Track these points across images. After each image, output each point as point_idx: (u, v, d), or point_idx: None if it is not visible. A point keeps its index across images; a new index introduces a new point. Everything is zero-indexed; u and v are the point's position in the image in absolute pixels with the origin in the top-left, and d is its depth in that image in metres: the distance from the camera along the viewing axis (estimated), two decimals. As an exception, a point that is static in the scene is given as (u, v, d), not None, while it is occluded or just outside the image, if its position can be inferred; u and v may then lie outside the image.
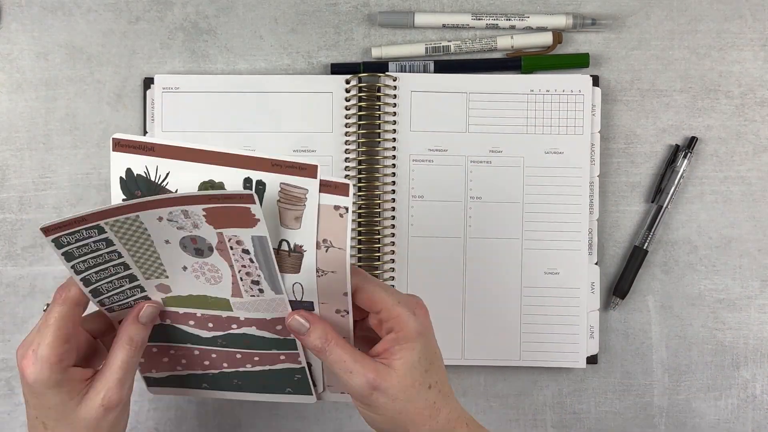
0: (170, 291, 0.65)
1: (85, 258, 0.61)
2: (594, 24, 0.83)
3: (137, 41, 0.84)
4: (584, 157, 0.82)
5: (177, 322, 0.67)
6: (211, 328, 0.67)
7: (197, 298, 0.65)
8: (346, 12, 0.84)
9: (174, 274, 0.63)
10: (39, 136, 0.83)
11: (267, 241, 0.60)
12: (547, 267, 0.82)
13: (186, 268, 0.63)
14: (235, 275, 0.63)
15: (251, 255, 0.61)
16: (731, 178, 0.84)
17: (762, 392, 0.84)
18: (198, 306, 0.65)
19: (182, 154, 0.61)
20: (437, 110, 0.82)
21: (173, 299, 0.65)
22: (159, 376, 0.71)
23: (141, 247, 0.62)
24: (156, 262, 0.63)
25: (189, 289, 0.64)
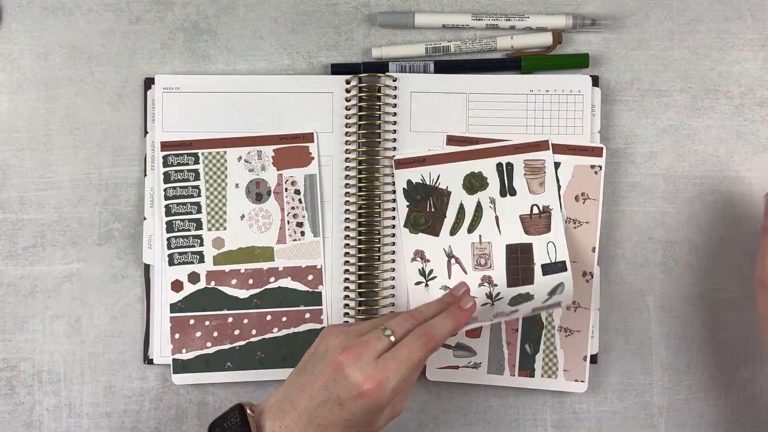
0: (223, 246, 0.80)
1: (176, 185, 0.80)
2: (594, 24, 0.83)
3: (138, 41, 0.84)
4: (584, 157, 0.83)
5: (220, 282, 0.80)
6: (250, 285, 0.80)
7: (245, 251, 0.80)
8: (346, 12, 0.84)
9: (232, 224, 0.80)
10: (39, 136, 0.83)
11: (316, 179, 0.79)
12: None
13: (243, 217, 0.80)
14: (283, 219, 0.79)
15: (301, 195, 0.80)
16: (731, 178, 0.84)
17: (762, 392, 0.84)
18: (244, 259, 0.80)
19: (446, 159, 0.81)
20: (437, 110, 0.82)
21: (224, 255, 0.80)
22: (187, 357, 0.80)
23: (216, 189, 0.79)
24: (222, 209, 0.80)
25: (240, 241, 0.80)
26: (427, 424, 0.84)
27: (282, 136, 0.80)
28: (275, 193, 0.80)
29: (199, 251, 0.80)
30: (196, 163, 0.80)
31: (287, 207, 0.80)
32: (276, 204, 0.80)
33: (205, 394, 0.83)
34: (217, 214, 0.80)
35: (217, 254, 0.80)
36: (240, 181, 0.80)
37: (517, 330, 0.81)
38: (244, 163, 0.80)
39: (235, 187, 0.80)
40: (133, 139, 0.83)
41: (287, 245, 0.80)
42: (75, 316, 0.83)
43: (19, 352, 0.83)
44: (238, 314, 0.81)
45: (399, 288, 0.82)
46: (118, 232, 0.83)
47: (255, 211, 0.80)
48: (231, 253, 0.80)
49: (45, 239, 0.83)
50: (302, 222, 0.80)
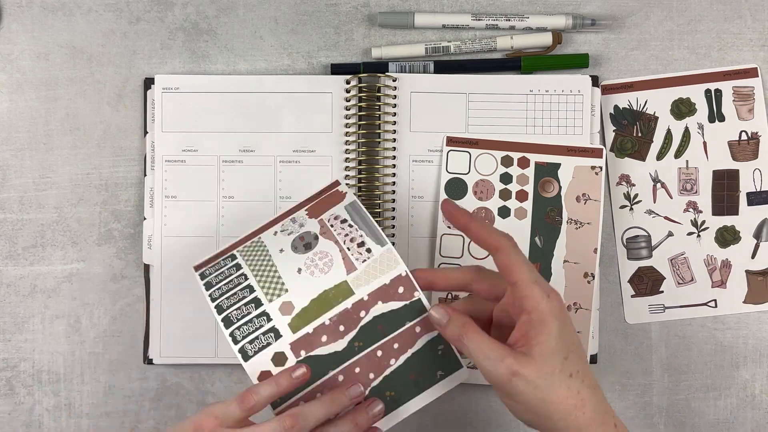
0: (293, 308, 0.68)
1: (219, 285, 0.70)
2: (593, 24, 0.83)
3: (138, 41, 0.84)
4: (584, 157, 0.83)
5: (310, 347, 0.68)
6: (343, 332, 0.69)
7: (319, 301, 0.68)
8: (346, 12, 0.84)
9: (291, 282, 0.69)
10: (39, 136, 0.83)
11: (358, 203, 0.71)
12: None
13: (300, 270, 0.69)
14: (342, 249, 0.69)
15: (349, 221, 0.70)
16: (731, 178, 0.84)
17: (761, 392, 0.84)
18: (323, 310, 0.68)
19: (654, 85, 0.82)
20: (437, 110, 0.82)
21: (299, 317, 0.68)
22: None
23: (262, 264, 0.70)
24: (275, 276, 0.69)
25: (308, 294, 0.68)
26: (426, 424, 0.84)
27: (309, 198, 0.74)
28: (322, 234, 0.70)
29: (271, 327, 0.68)
30: (233, 260, 0.71)
31: (340, 237, 0.70)
32: (328, 241, 0.70)
33: (204, 395, 0.83)
34: (272, 283, 0.69)
35: (290, 320, 0.68)
36: (283, 246, 0.70)
37: None
38: (281, 233, 0.71)
39: (279, 252, 0.70)
40: (133, 139, 0.84)
41: (359, 270, 0.69)
42: (75, 316, 0.83)
43: (18, 352, 0.83)
44: (347, 367, 0.69)
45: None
46: (118, 232, 0.83)
47: (310, 259, 0.69)
48: (305, 311, 0.68)
49: (45, 239, 0.83)
50: (363, 242, 0.69)
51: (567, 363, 0.63)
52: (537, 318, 0.63)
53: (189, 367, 0.83)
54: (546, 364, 0.62)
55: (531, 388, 0.62)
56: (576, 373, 0.63)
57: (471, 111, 0.82)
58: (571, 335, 0.64)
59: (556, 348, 0.62)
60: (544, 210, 0.82)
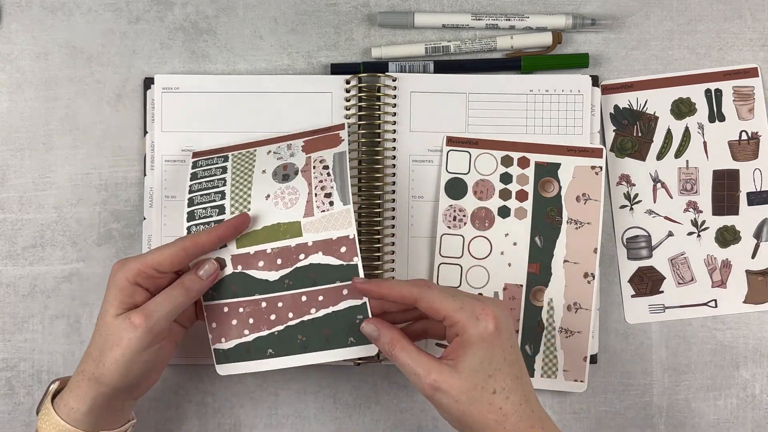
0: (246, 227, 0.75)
1: (202, 180, 0.77)
2: (594, 24, 0.83)
3: (137, 41, 0.84)
4: (584, 157, 0.83)
5: (247, 266, 0.75)
6: (279, 266, 0.75)
7: (270, 230, 0.75)
8: (346, 12, 0.84)
9: (256, 204, 0.75)
10: (39, 136, 0.83)
11: (345, 156, 0.76)
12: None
13: (269, 197, 0.75)
14: (311, 193, 0.75)
15: (330, 169, 0.75)
16: (731, 178, 0.84)
17: (761, 392, 0.84)
18: (269, 239, 0.75)
19: (654, 85, 0.82)
20: (437, 110, 0.82)
21: (247, 237, 0.75)
22: (227, 347, 0.76)
23: (243, 176, 0.77)
24: (247, 192, 0.76)
25: (264, 220, 0.75)
26: (426, 424, 0.84)
27: (314, 130, 0.80)
28: (303, 172, 0.76)
29: None
30: (225, 161, 0.78)
31: (315, 181, 0.75)
32: (303, 180, 0.75)
33: (204, 395, 0.83)
34: (240, 197, 0.76)
35: (240, 236, 0.75)
36: (267, 167, 0.77)
37: (518, 331, 0.81)
38: (274, 154, 0.78)
39: (261, 172, 0.77)
40: (133, 139, 0.83)
41: (315, 217, 0.74)
42: (74, 316, 0.83)
43: (18, 352, 0.83)
44: (271, 298, 0.75)
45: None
46: (118, 232, 0.83)
47: (281, 190, 0.75)
48: (255, 233, 0.75)
49: (44, 239, 0.83)
50: (331, 192, 0.75)
51: (491, 380, 0.66)
52: (466, 340, 0.66)
53: (189, 367, 0.83)
54: (468, 380, 0.66)
55: (453, 402, 0.66)
56: (501, 390, 0.66)
57: (471, 111, 0.82)
58: (501, 353, 0.67)
59: (479, 367, 0.66)
60: (544, 210, 0.82)
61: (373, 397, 0.84)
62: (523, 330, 0.81)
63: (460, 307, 0.67)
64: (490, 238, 0.82)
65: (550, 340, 0.81)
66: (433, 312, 0.68)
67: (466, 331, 0.66)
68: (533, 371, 0.81)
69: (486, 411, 0.66)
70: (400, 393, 0.84)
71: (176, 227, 0.81)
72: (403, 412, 0.84)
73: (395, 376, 0.84)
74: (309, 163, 0.76)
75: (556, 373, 0.81)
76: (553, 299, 0.81)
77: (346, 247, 0.74)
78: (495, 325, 0.66)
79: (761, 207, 0.83)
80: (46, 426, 0.70)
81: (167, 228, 0.82)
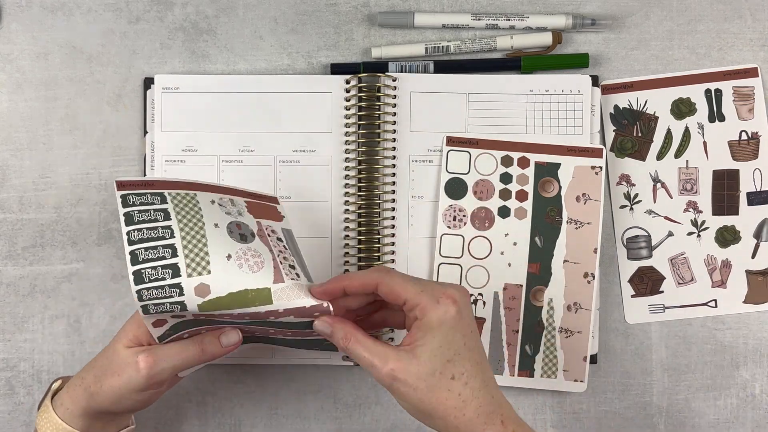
0: (209, 293, 0.65)
1: (141, 227, 0.65)
2: (593, 24, 0.83)
3: (137, 41, 0.84)
4: (584, 157, 0.83)
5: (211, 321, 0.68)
6: (246, 321, 0.68)
7: (237, 296, 0.65)
8: (346, 12, 0.84)
9: (217, 265, 0.65)
10: (39, 136, 0.83)
11: (292, 235, 0.72)
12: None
13: (230, 257, 0.66)
14: (275, 259, 0.67)
15: (284, 243, 0.70)
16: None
17: (761, 392, 0.84)
18: (236, 305, 0.66)
19: (654, 85, 0.82)
20: (437, 110, 0.82)
21: (211, 303, 0.65)
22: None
23: (192, 229, 0.66)
24: (203, 250, 0.65)
25: (229, 286, 0.65)
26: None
27: (247, 192, 0.72)
28: (259, 236, 0.68)
29: (180, 301, 0.65)
30: (163, 202, 0.67)
31: (275, 250, 0.68)
32: (263, 245, 0.68)
33: (204, 395, 0.83)
34: (197, 257, 0.65)
35: (202, 303, 0.65)
36: (219, 222, 0.67)
37: (518, 331, 0.81)
38: (219, 206, 0.69)
39: (214, 226, 0.67)
40: (133, 139, 0.83)
41: (285, 284, 0.66)
42: (75, 316, 0.83)
43: (18, 352, 0.83)
44: (237, 324, 0.70)
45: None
46: (118, 232, 0.83)
47: (243, 251, 0.67)
48: (219, 299, 0.65)
49: (44, 239, 0.83)
50: (294, 265, 0.69)
51: (449, 365, 0.64)
52: (425, 323, 0.65)
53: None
54: (427, 365, 0.64)
55: (411, 390, 0.64)
56: (460, 376, 0.64)
57: (471, 111, 0.82)
58: (461, 338, 0.65)
59: (438, 351, 0.64)
60: (544, 210, 0.82)
61: (373, 397, 0.84)
62: (523, 330, 0.81)
63: (421, 290, 0.65)
64: (490, 238, 0.82)
65: (550, 340, 0.81)
66: (393, 297, 0.66)
67: (425, 314, 0.65)
68: (533, 371, 0.81)
69: (444, 397, 0.64)
70: (400, 393, 0.84)
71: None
72: (403, 412, 0.83)
73: (395, 376, 0.84)
74: (261, 228, 0.69)
75: (556, 373, 0.81)
76: (553, 299, 0.81)
77: (321, 314, 0.67)
78: (456, 308, 0.65)
79: (761, 207, 0.83)
80: (43, 423, 0.71)
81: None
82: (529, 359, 0.81)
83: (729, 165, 0.83)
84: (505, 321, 0.82)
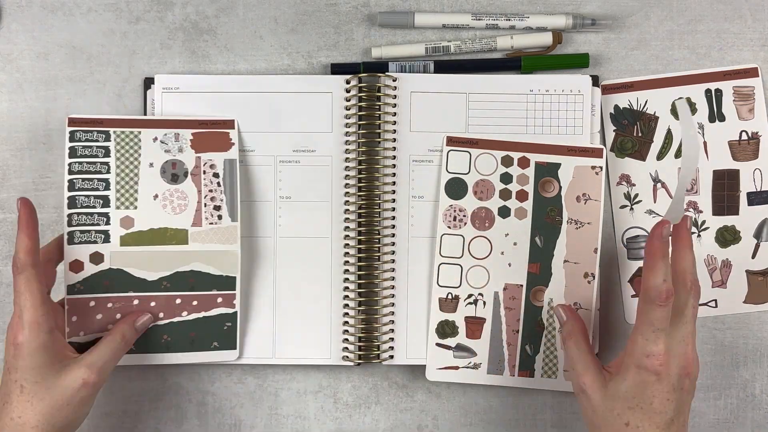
0: (132, 226, 0.77)
1: (82, 160, 0.76)
2: (594, 24, 0.83)
3: (137, 41, 0.84)
4: (584, 157, 0.83)
5: (128, 264, 0.77)
6: (159, 267, 0.77)
7: (157, 233, 0.77)
8: (346, 12, 0.84)
9: (144, 202, 0.77)
10: (39, 136, 0.83)
11: (236, 164, 0.78)
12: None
13: (157, 197, 0.77)
14: (200, 201, 0.77)
15: (220, 178, 0.77)
16: (731, 178, 0.84)
17: (761, 392, 0.84)
18: (155, 241, 0.77)
19: (654, 84, 0.82)
20: (437, 110, 0.82)
21: (132, 237, 0.77)
22: (85, 340, 0.77)
23: (128, 167, 0.76)
24: (134, 188, 0.76)
25: (152, 222, 0.77)
26: (427, 424, 0.84)
27: (201, 121, 0.79)
28: (192, 175, 0.78)
29: (105, 230, 0.77)
30: (107, 140, 0.77)
31: (205, 189, 0.78)
32: (193, 186, 0.78)
33: (204, 395, 0.84)
34: (127, 192, 0.77)
35: (125, 234, 0.77)
36: (155, 160, 0.78)
37: (518, 331, 0.81)
38: (160, 144, 0.78)
39: (149, 166, 0.78)
40: (133, 139, 0.83)
41: (203, 228, 0.78)
42: (75, 316, 0.83)
43: (18, 352, 0.83)
44: (145, 297, 0.78)
45: (398, 288, 0.82)
46: (118, 232, 0.83)
47: (170, 192, 0.78)
48: (141, 234, 0.77)
49: (45, 239, 0.83)
50: (220, 205, 0.78)
51: (629, 412, 0.68)
52: (624, 361, 0.69)
53: (189, 367, 0.83)
54: (610, 400, 0.69)
55: (590, 409, 0.70)
56: (635, 428, 0.68)
57: (471, 111, 0.82)
58: (651, 395, 0.67)
59: (624, 395, 0.68)
60: (544, 210, 0.82)
61: (373, 397, 0.84)
62: (523, 330, 0.81)
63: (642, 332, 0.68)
64: (490, 238, 0.82)
65: (551, 340, 0.81)
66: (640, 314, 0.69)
67: (632, 353, 0.68)
68: (533, 371, 0.81)
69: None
70: (400, 393, 0.84)
71: (176, 227, 0.81)
72: (403, 412, 0.84)
73: (395, 376, 0.84)
74: (199, 165, 0.77)
75: (556, 373, 0.81)
76: (553, 299, 0.81)
77: (230, 262, 0.78)
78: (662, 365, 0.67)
79: (761, 207, 0.83)
80: None
81: (167, 228, 0.82)
82: (529, 359, 0.81)
83: (729, 165, 0.83)
84: (506, 321, 0.82)
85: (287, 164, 0.82)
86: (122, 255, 0.77)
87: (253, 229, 0.82)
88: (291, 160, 0.82)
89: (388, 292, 0.82)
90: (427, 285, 0.82)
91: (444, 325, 0.82)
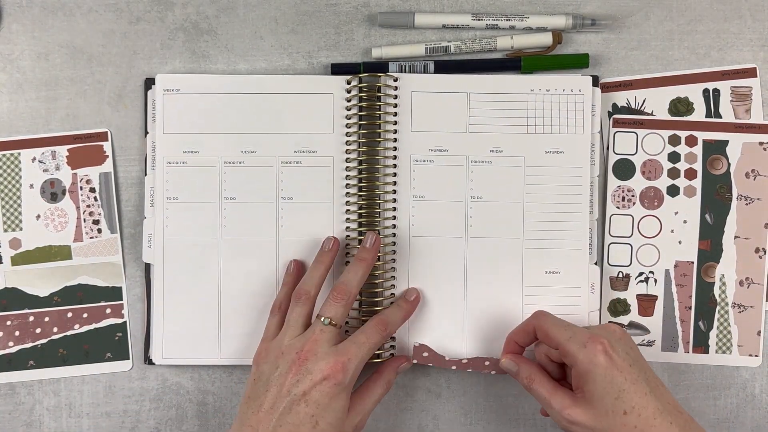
0: (20, 246, 0.81)
1: None
2: (594, 24, 0.83)
3: (138, 41, 0.84)
4: (584, 157, 0.82)
5: (21, 282, 0.81)
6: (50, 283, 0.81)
7: (43, 250, 0.81)
8: (346, 12, 0.84)
9: (28, 224, 0.81)
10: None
11: (111, 177, 0.81)
12: (548, 267, 0.82)
13: (39, 217, 0.81)
14: (79, 217, 0.81)
15: (96, 193, 0.81)
16: (731, 178, 0.84)
17: (761, 392, 0.84)
18: (42, 259, 0.81)
19: (652, 83, 0.82)
20: (438, 110, 0.82)
21: (21, 256, 0.81)
22: None
23: (11, 190, 0.81)
24: (17, 210, 0.81)
25: (37, 241, 0.82)
26: (427, 424, 0.84)
27: (75, 136, 0.82)
28: (70, 192, 0.82)
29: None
30: None
31: (83, 205, 0.82)
32: (71, 203, 0.82)
33: (205, 395, 0.84)
34: (12, 215, 0.82)
35: (14, 254, 0.82)
36: (34, 181, 0.82)
37: (690, 308, 0.82)
38: (38, 164, 0.82)
39: (29, 187, 0.82)
40: (133, 139, 0.83)
41: (84, 243, 0.82)
42: (75, 316, 0.83)
43: (19, 353, 0.83)
44: (39, 312, 0.82)
45: (399, 288, 0.82)
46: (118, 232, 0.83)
47: (50, 211, 0.82)
48: (29, 253, 0.82)
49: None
50: (99, 219, 0.82)
51: (618, 402, 0.69)
52: (581, 369, 0.70)
53: (189, 367, 0.83)
54: (598, 408, 0.69)
55: (590, 430, 0.70)
56: (631, 410, 0.68)
57: (471, 111, 0.82)
58: (619, 374, 0.69)
59: (603, 392, 0.69)
60: (713, 187, 0.83)
61: (373, 397, 0.84)
62: (696, 307, 0.83)
63: (569, 338, 0.71)
64: (659, 217, 0.83)
65: (723, 315, 0.82)
66: (548, 340, 0.73)
67: (576, 361, 0.70)
68: (708, 347, 0.82)
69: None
70: (400, 393, 0.84)
71: (178, 228, 0.81)
72: (403, 412, 0.84)
73: (396, 375, 0.84)
74: (75, 181, 0.81)
75: (730, 348, 0.82)
76: (724, 275, 0.82)
77: (113, 271, 0.82)
78: (603, 350, 0.69)
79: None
80: None
81: (169, 230, 0.82)
82: (703, 336, 0.82)
83: None
84: (677, 298, 0.83)
85: (288, 165, 0.82)
86: (15, 274, 0.82)
87: (255, 230, 0.82)
88: (292, 161, 0.82)
89: (389, 291, 0.82)
90: (435, 285, 0.82)
91: (616, 303, 0.83)
